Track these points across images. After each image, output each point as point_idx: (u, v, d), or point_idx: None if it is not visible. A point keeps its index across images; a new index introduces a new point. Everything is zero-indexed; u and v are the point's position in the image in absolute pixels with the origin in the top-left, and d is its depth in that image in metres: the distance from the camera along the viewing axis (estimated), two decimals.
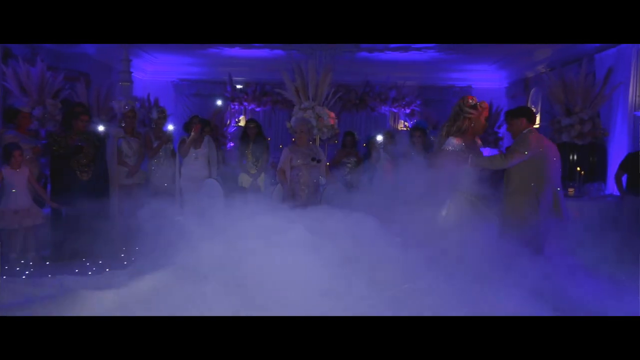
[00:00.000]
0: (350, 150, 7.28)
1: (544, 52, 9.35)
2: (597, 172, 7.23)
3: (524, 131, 4.34)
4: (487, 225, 3.69)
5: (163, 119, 6.68)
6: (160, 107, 7.34)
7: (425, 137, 5.79)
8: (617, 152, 7.14)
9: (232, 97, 10.82)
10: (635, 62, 7.09)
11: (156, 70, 11.32)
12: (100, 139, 5.81)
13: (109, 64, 9.19)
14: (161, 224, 3.34)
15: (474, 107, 4.19)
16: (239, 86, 11.06)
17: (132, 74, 8.53)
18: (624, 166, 5.99)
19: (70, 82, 7.70)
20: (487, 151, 4.63)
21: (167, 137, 6.51)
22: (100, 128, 6.02)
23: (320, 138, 7.30)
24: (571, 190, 6.65)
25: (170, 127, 6.86)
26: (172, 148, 6.49)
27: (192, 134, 6.14)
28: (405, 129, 10.81)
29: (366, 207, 3.61)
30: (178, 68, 11.41)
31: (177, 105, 11.51)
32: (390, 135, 6.19)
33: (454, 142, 4.17)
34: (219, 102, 10.29)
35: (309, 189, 5.56)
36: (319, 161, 5.59)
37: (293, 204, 5.52)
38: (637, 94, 7.11)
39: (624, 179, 6.00)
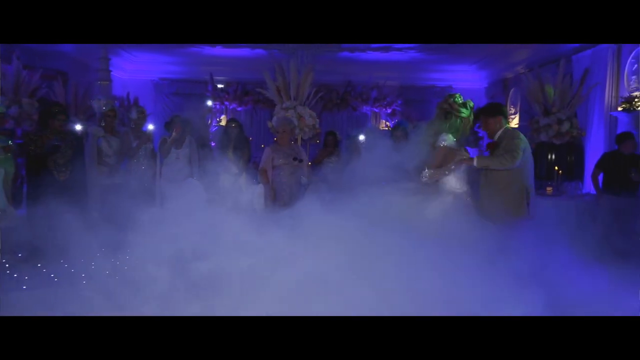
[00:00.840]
0: (332, 150, 7.28)
1: (522, 53, 9.48)
2: (574, 171, 7.35)
3: (505, 129, 4.31)
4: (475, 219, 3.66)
5: (143, 118, 6.60)
6: (140, 106, 7.26)
7: (406, 136, 5.82)
8: (593, 151, 7.27)
9: (213, 96, 10.76)
10: (610, 63, 7.23)
11: (136, 69, 11.19)
12: (78, 138, 5.72)
13: (87, 62, 9.06)
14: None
15: (464, 105, 4.14)
16: (220, 85, 11.00)
17: (111, 73, 8.43)
18: (600, 165, 6.11)
19: (47, 81, 7.58)
20: (473, 151, 4.63)
21: (146, 137, 6.44)
22: (78, 127, 5.92)
23: (302, 138, 7.30)
24: (549, 189, 6.76)
25: (150, 126, 6.79)
26: (152, 148, 6.43)
27: (174, 133, 6.08)
28: (386, 128, 10.87)
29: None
30: (158, 67, 11.30)
31: (157, 105, 11.40)
32: (371, 133, 6.21)
33: (448, 137, 4.10)
34: (209, 103, 10.23)
35: (290, 188, 5.55)
36: (300, 161, 5.58)
37: (275, 204, 5.52)
38: (613, 95, 7.25)
39: (601, 177, 6.12)
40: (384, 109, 11.26)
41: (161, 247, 3.13)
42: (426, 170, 4.01)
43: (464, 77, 11.78)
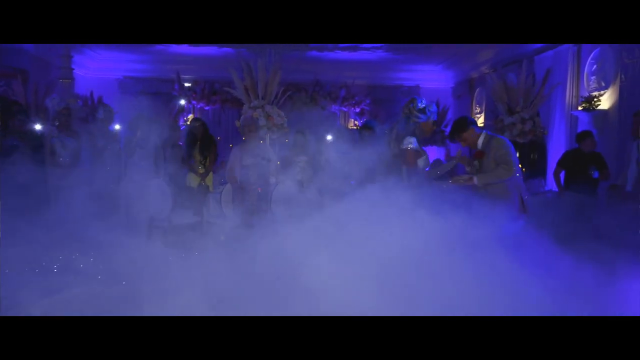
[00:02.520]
0: (300, 149, 7.26)
1: (487, 53, 9.67)
2: (537, 168, 7.53)
3: (485, 136, 4.30)
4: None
5: (110, 117, 6.46)
6: (107, 105, 7.10)
7: (374, 135, 5.86)
8: (556, 149, 7.47)
9: (180, 95, 10.61)
10: (571, 64, 7.44)
11: (100, 67, 10.95)
12: (38, 138, 5.56)
13: (49, 60, 8.81)
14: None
15: (423, 110, 4.24)
16: (187, 84, 10.85)
17: (74, 71, 8.22)
18: (561, 163, 6.27)
19: (6, 79, 7.34)
20: (434, 149, 4.69)
21: (111, 137, 6.31)
22: (38, 127, 5.75)
23: (270, 137, 7.27)
24: None
25: (117, 126, 6.65)
26: (118, 148, 6.29)
27: (139, 133, 5.97)
28: (355, 127, 10.92)
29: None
30: (123, 65, 11.07)
31: (122, 104, 11.16)
32: (340, 133, 6.23)
33: (411, 140, 4.20)
34: (182, 102, 10.09)
35: (259, 188, 5.52)
36: (268, 160, 5.55)
37: (242, 204, 5.49)
38: (574, 94, 7.46)
39: (562, 175, 6.28)
40: (352, 108, 11.32)
41: None
42: (436, 168, 4.12)
43: (431, 76, 11.94)
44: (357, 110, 11.28)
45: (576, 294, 2.83)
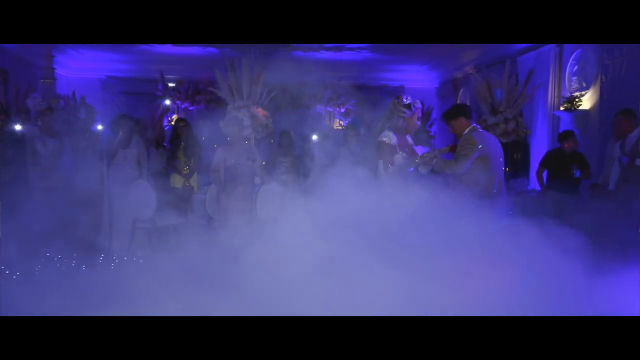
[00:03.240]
0: (286, 150, 7.25)
1: (471, 54, 9.74)
2: (520, 168, 7.62)
3: (465, 131, 4.23)
4: None
5: (91, 118, 6.39)
6: (89, 105, 7.02)
7: (359, 135, 5.88)
8: (538, 149, 7.56)
9: (164, 95, 10.52)
10: (553, 64, 7.53)
11: (82, 67, 10.81)
12: (19, 139, 5.47)
13: (30, 59, 8.68)
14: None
15: (408, 106, 4.25)
16: (171, 84, 10.77)
17: (55, 71, 8.11)
18: (544, 163, 6.34)
19: None
20: (419, 149, 4.68)
21: (94, 138, 6.23)
22: (18, 128, 5.66)
23: (255, 137, 7.24)
24: None
25: (99, 127, 6.57)
26: (100, 148, 6.22)
27: (121, 133, 5.90)
28: (340, 127, 10.94)
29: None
30: (106, 65, 10.95)
31: (105, 104, 11.04)
32: (325, 134, 6.24)
33: (389, 134, 4.20)
34: (167, 102, 10.00)
35: (243, 189, 5.48)
36: (253, 161, 5.53)
37: (227, 204, 5.45)
38: (556, 95, 7.55)
39: (545, 174, 6.35)
40: (337, 109, 11.33)
41: None
42: (418, 159, 4.10)
43: (415, 77, 12.00)
44: (342, 110, 11.29)
45: (560, 290, 2.86)
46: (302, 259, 2.92)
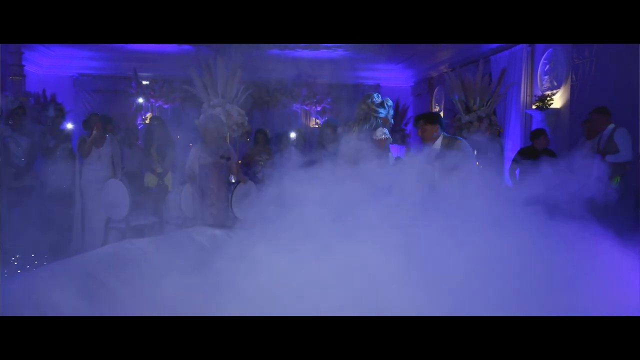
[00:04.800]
0: (262, 148, 7.23)
1: (445, 53, 9.85)
2: (494, 165, 7.72)
3: (443, 136, 4.32)
4: None
5: (61, 116, 6.27)
6: (58, 103, 6.89)
7: (336, 134, 5.88)
8: (511, 147, 7.68)
9: (137, 93, 10.38)
10: (525, 64, 7.66)
11: (53, 64, 10.58)
12: None
13: None
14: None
15: (382, 105, 4.27)
16: (145, 82, 10.62)
17: (25, 68, 7.94)
18: (516, 160, 6.45)
19: None
20: (395, 148, 4.71)
21: (64, 136, 6.12)
22: None
23: (231, 135, 7.20)
24: None
25: (69, 125, 6.45)
26: (71, 147, 6.11)
27: (94, 132, 5.81)
28: (316, 126, 10.95)
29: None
30: (78, 62, 10.73)
31: (77, 102, 10.84)
32: (301, 132, 6.23)
33: (384, 130, 4.23)
34: (140, 100, 9.86)
35: (218, 188, 5.45)
36: (228, 159, 5.49)
37: (202, 203, 5.41)
38: (528, 93, 7.69)
39: (517, 172, 6.46)
40: (314, 107, 11.34)
41: None
42: (380, 130, 4.14)
43: (391, 75, 12.08)
44: (319, 108, 11.31)
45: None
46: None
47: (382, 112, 4.25)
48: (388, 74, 12.00)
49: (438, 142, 4.38)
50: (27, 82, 8.24)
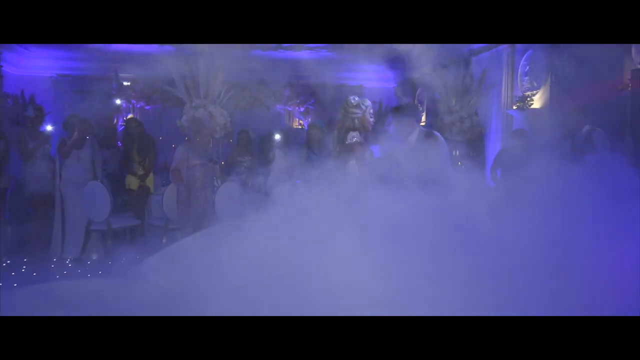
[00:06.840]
0: (244, 149, 7.19)
1: (428, 54, 9.90)
2: (476, 165, 7.79)
3: (418, 130, 4.34)
4: None
5: (40, 117, 6.17)
6: (37, 104, 6.78)
7: (321, 134, 5.89)
8: (493, 147, 7.76)
9: (118, 94, 10.24)
10: (506, 65, 7.75)
11: (32, 65, 10.39)
12: None
13: None
14: None
15: (357, 106, 4.32)
16: (125, 83, 10.50)
17: (3, 68, 7.79)
18: (498, 160, 6.52)
19: None
20: (376, 148, 4.73)
21: (44, 138, 6.02)
22: None
23: (213, 137, 7.15)
24: None
25: (49, 127, 6.35)
26: (50, 149, 6.01)
27: (75, 134, 5.73)
28: (300, 127, 10.94)
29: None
30: (57, 62, 10.55)
31: (57, 103, 10.66)
32: (285, 133, 6.23)
33: (356, 134, 4.26)
34: (118, 101, 9.75)
35: (204, 189, 5.42)
36: (215, 162, 5.48)
37: (188, 204, 5.37)
38: (509, 94, 7.78)
39: (499, 172, 6.53)
40: (297, 108, 11.32)
41: None
42: (350, 134, 4.17)
43: (374, 76, 12.11)
44: (302, 109, 11.29)
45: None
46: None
47: (359, 113, 4.30)
48: (371, 74, 12.03)
49: (413, 136, 4.39)
50: (5, 83, 8.10)
